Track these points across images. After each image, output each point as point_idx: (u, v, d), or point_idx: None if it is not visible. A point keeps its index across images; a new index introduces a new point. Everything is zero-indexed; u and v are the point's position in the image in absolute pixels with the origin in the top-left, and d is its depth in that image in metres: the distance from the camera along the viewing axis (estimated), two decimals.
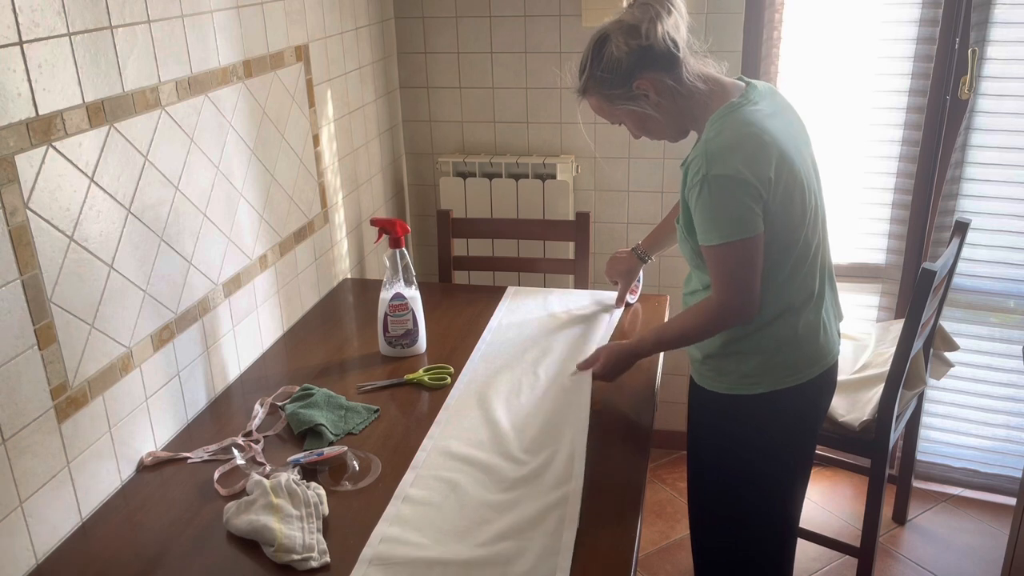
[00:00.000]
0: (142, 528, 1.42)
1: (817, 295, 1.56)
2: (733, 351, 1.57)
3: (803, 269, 1.52)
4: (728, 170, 1.40)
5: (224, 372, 1.85)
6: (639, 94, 1.50)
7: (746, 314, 1.49)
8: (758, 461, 1.64)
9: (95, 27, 1.39)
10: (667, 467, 2.99)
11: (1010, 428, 2.74)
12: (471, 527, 1.38)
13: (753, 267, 1.46)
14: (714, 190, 1.41)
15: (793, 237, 1.49)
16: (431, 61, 2.79)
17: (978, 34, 2.40)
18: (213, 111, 1.74)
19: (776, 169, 1.42)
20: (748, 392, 1.58)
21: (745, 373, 1.57)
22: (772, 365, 1.56)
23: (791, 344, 1.55)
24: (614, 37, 1.48)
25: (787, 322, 1.54)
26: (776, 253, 1.48)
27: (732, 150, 1.42)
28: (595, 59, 1.51)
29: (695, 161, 1.45)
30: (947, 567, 2.51)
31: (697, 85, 1.49)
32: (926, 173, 2.57)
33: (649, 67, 1.48)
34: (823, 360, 1.60)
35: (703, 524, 1.78)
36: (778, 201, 1.44)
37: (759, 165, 1.41)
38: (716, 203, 1.42)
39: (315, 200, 2.24)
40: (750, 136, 1.43)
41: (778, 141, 1.44)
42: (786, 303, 1.53)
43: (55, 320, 1.35)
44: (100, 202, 1.43)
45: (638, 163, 2.75)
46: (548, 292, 2.30)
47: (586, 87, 1.55)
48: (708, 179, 1.41)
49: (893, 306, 2.72)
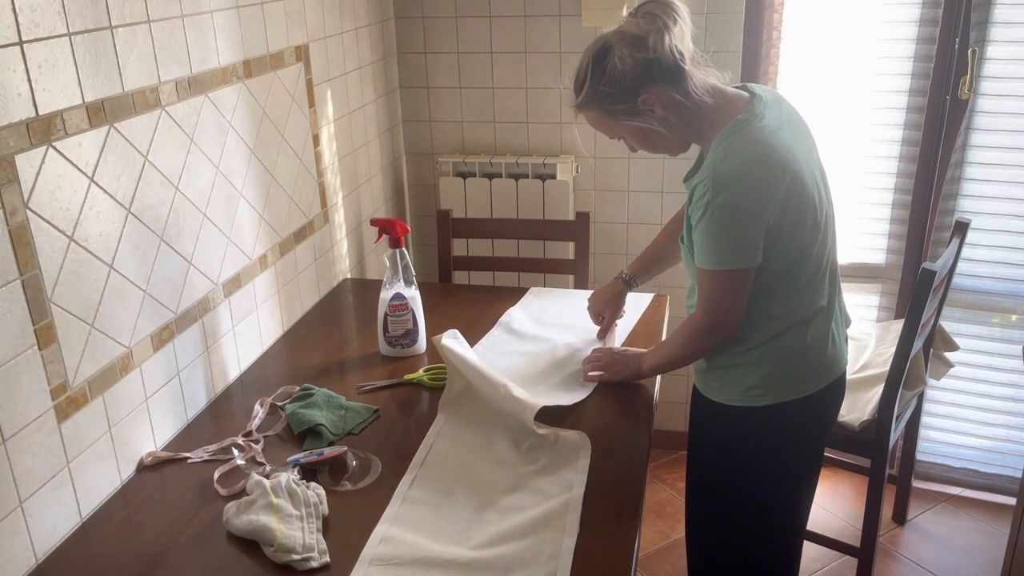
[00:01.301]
0: (142, 528, 1.42)
1: (827, 307, 1.54)
2: (740, 363, 1.53)
3: (813, 283, 1.50)
4: (734, 199, 1.36)
5: (224, 372, 1.85)
6: (644, 109, 1.43)
7: (728, 333, 1.50)
8: (761, 474, 1.60)
9: (95, 27, 1.39)
10: (667, 467, 2.99)
11: (1010, 428, 2.74)
12: (471, 528, 1.38)
13: (743, 294, 1.45)
14: (718, 218, 1.38)
15: (805, 254, 1.46)
16: (431, 61, 2.79)
17: (978, 34, 2.40)
18: (213, 111, 1.74)
19: (787, 190, 1.39)
20: (753, 404, 1.54)
21: (751, 385, 1.53)
22: (779, 377, 1.52)
23: (799, 356, 1.52)
24: (617, 49, 1.40)
25: (795, 335, 1.51)
26: (787, 270, 1.46)
27: (740, 177, 1.37)
28: (596, 72, 1.43)
29: (701, 184, 1.40)
30: (947, 567, 2.52)
31: (704, 99, 1.43)
32: (926, 173, 2.57)
33: (656, 81, 1.41)
34: (831, 371, 1.57)
35: (701, 533, 1.75)
36: (789, 222, 1.40)
37: (769, 191, 1.37)
38: (718, 231, 1.40)
39: (315, 200, 2.24)
40: (759, 159, 1.38)
41: (787, 159, 1.39)
42: (796, 317, 1.50)
43: (55, 320, 1.35)
44: (100, 202, 1.43)
45: (638, 163, 2.75)
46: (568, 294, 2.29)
47: (585, 102, 1.47)
48: (713, 206, 1.37)
49: (893, 306, 2.72)
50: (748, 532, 1.66)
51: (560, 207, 2.71)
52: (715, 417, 1.61)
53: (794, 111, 1.55)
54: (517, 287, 2.37)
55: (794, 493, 1.66)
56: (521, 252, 2.76)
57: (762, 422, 1.56)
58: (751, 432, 1.58)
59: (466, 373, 1.70)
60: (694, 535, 1.77)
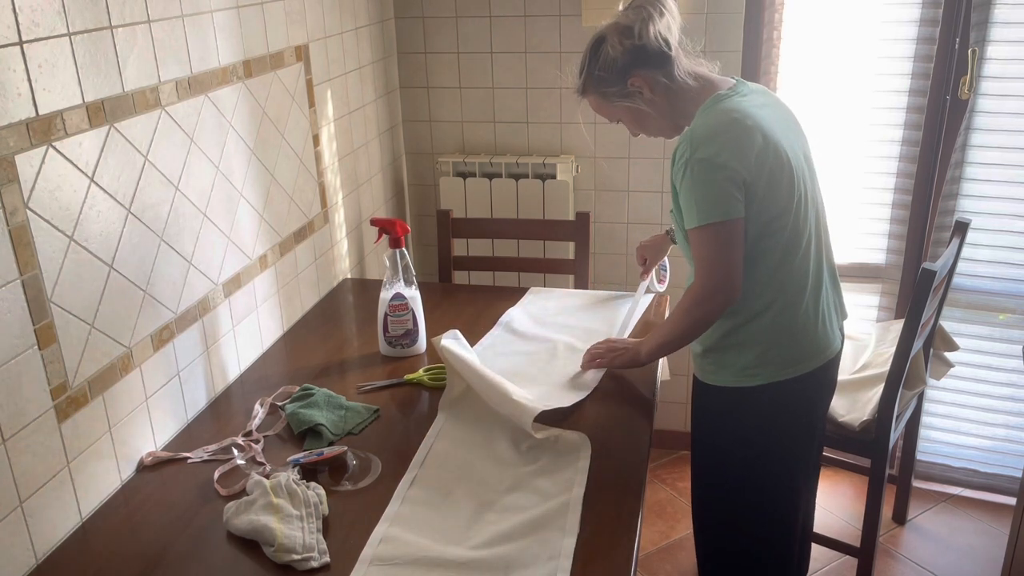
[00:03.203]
0: (142, 528, 1.42)
1: (812, 286, 1.58)
2: (732, 343, 1.59)
3: (796, 257, 1.55)
4: (709, 153, 1.45)
5: (224, 372, 1.85)
6: (634, 91, 1.56)
7: (728, 294, 1.52)
8: (760, 456, 1.65)
9: (95, 27, 1.39)
10: (667, 467, 2.99)
11: (1010, 428, 2.74)
12: (471, 528, 1.38)
13: (733, 249, 1.49)
14: (696, 173, 1.46)
15: (781, 222, 1.52)
16: (431, 61, 2.79)
17: (978, 34, 2.40)
18: (213, 111, 1.74)
19: (760, 152, 1.47)
20: (748, 384, 1.60)
21: (744, 365, 1.59)
22: (771, 356, 1.58)
23: (789, 334, 1.58)
24: (610, 38, 1.55)
25: (784, 312, 1.56)
26: (765, 236, 1.51)
27: (715, 135, 1.47)
28: (592, 59, 1.58)
29: (680, 146, 1.50)
30: (947, 567, 2.51)
31: (688, 82, 1.55)
32: (926, 173, 2.57)
33: (642, 65, 1.54)
34: (823, 352, 1.63)
35: (706, 523, 1.79)
36: (763, 183, 1.47)
37: (742, 150, 1.46)
38: (697, 185, 1.47)
39: (315, 200, 2.24)
40: (733, 122, 1.48)
41: (762, 126, 1.49)
42: (778, 290, 1.55)
43: (55, 320, 1.35)
44: (100, 202, 1.43)
45: (638, 163, 2.75)
46: (567, 294, 2.30)
47: (585, 86, 1.62)
48: (691, 162, 1.47)
49: (893, 306, 2.72)
50: (748, 525, 1.70)
51: (560, 207, 2.71)
52: (714, 401, 1.67)
53: (780, 102, 1.64)
54: (517, 287, 2.37)
55: (790, 482, 1.70)
56: (521, 252, 2.76)
57: (759, 402, 1.61)
58: (749, 412, 1.63)
59: (465, 375, 1.70)
60: (700, 524, 1.80)
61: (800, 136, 1.62)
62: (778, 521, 1.73)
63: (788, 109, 1.64)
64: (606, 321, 2.08)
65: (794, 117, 1.64)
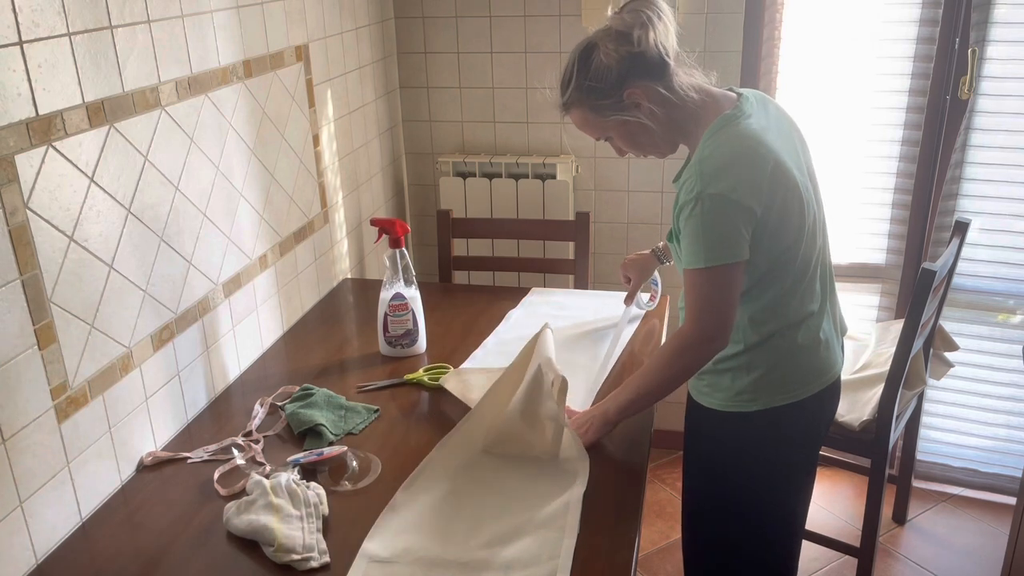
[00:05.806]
0: (142, 528, 1.42)
1: (818, 311, 1.51)
2: (729, 367, 1.51)
3: (801, 286, 1.47)
4: (723, 188, 1.35)
5: (224, 372, 1.85)
6: (630, 104, 1.43)
7: (723, 342, 1.44)
8: (754, 479, 1.57)
9: (95, 27, 1.39)
10: (667, 467, 2.99)
11: (1010, 428, 2.75)
12: (471, 528, 1.38)
13: (733, 293, 1.40)
14: (707, 209, 1.36)
15: (791, 254, 1.44)
16: (431, 61, 2.79)
17: (978, 34, 2.40)
18: (213, 111, 1.74)
19: (772, 183, 1.37)
20: (743, 409, 1.51)
21: (740, 390, 1.50)
22: (768, 382, 1.49)
23: (789, 360, 1.50)
24: (602, 45, 1.41)
25: (784, 338, 1.48)
26: (776, 268, 1.44)
27: (727, 168, 1.36)
28: (581, 69, 1.43)
29: (689, 180, 1.38)
30: (947, 567, 2.51)
31: (689, 94, 1.43)
32: (926, 173, 2.57)
33: (641, 75, 1.41)
34: (823, 376, 1.54)
35: (696, 536, 1.72)
36: (775, 216, 1.39)
37: (756, 182, 1.36)
38: (707, 223, 1.37)
39: (315, 200, 2.24)
40: (745, 151, 1.38)
41: (774, 153, 1.39)
42: (784, 321, 1.47)
43: (55, 320, 1.35)
44: (100, 202, 1.43)
45: (638, 163, 2.75)
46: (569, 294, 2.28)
47: (571, 100, 1.47)
48: (702, 197, 1.35)
49: (893, 306, 2.72)
50: (743, 537, 1.64)
51: (560, 207, 2.71)
52: (707, 422, 1.59)
53: (781, 111, 1.54)
54: (517, 287, 2.37)
55: (788, 499, 1.63)
56: (521, 252, 2.76)
57: (753, 428, 1.53)
58: (743, 437, 1.55)
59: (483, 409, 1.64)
60: (689, 537, 1.74)
61: (804, 151, 1.52)
62: (772, 541, 1.65)
63: (789, 119, 1.54)
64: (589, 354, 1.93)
65: (796, 128, 1.54)
